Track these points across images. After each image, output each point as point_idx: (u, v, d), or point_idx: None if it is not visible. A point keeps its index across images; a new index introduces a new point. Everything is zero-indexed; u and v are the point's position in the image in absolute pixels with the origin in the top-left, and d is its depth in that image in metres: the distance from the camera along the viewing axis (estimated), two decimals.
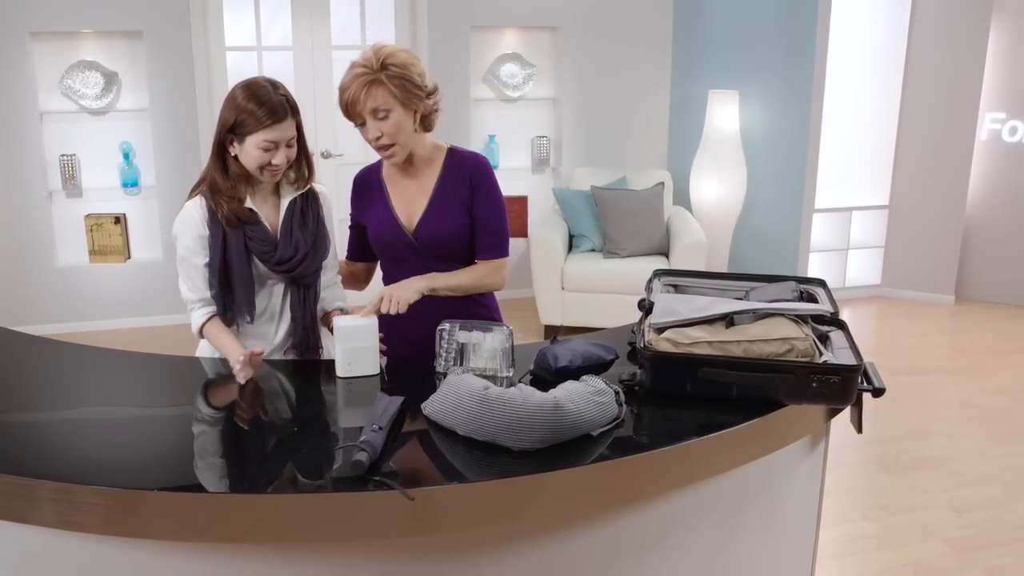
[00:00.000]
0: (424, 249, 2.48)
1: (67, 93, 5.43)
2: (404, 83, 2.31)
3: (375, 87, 2.30)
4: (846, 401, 2.01)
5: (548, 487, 1.74)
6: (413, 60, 2.37)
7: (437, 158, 2.52)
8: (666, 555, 2.00)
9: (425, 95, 2.38)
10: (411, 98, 2.34)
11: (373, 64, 2.30)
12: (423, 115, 2.41)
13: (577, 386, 1.90)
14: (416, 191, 2.50)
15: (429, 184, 2.49)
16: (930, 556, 3.23)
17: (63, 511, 1.67)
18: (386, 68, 2.30)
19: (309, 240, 2.44)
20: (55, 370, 2.30)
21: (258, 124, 2.26)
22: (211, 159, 2.37)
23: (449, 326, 2.18)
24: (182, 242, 2.39)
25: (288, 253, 2.40)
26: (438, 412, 1.88)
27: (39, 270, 5.60)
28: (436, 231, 2.47)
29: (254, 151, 2.30)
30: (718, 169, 5.99)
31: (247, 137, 2.29)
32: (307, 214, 2.47)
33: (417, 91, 2.35)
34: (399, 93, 2.31)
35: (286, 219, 2.44)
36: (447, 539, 1.77)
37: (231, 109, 2.29)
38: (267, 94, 2.28)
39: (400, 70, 2.31)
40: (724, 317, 2.13)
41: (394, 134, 2.35)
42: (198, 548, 1.72)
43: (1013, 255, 6.27)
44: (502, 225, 2.54)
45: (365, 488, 1.64)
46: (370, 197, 2.55)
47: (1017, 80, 6.06)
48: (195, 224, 2.36)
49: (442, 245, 2.47)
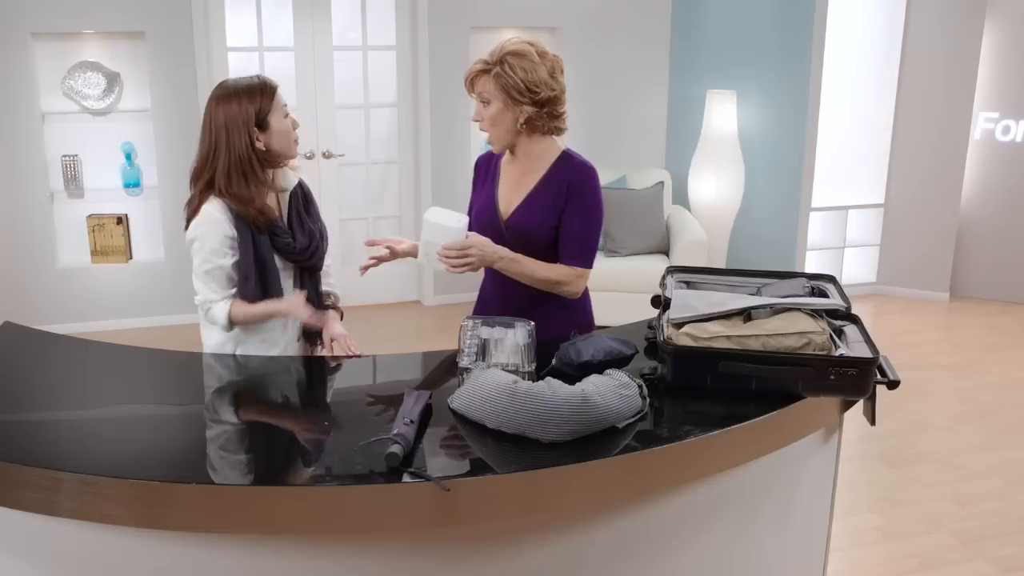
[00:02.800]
0: (511, 238, 2.55)
1: (69, 94, 5.44)
2: (507, 84, 2.42)
3: (482, 76, 2.46)
4: (863, 393, 2.05)
5: (575, 478, 1.78)
6: (530, 66, 2.43)
7: (548, 158, 2.58)
8: (686, 545, 2.04)
9: (531, 102, 2.45)
10: (511, 99, 2.44)
11: (495, 55, 2.44)
12: (528, 118, 2.48)
13: (603, 379, 1.94)
14: (520, 184, 2.60)
15: (532, 181, 2.58)
16: (935, 547, 3.28)
17: (95, 503, 1.69)
18: (501, 63, 2.42)
19: (317, 226, 2.56)
20: (78, 368, 2.33)
21: (268, 99, 2.37)
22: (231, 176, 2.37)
23: (471, 322, 2.22)
24: (207, 244, 2.40)
25: (305, 242, 2.50)
26: (466, 406, 1.92)
27: (41, 271, 5.60)
28: (525, 226, 2.56)
29: (282, 123, 2.39)
30: (716, 168, 6.04)
31: (269, 116, 2.37)
32: (308, 204, 2.58)
33: (518, 95, 2.43)
34: (499, 91, 2.43)
35: (292, 211, 2.52)
36: (474, 529, 1.81)
37: (240, 107, 2.35)
38: (244, 81, 2.39)
39: (511, 70, 2.41)
40: (742, 312, 2.17)
41: (490, 122, 2.49)
42: (227, 540, 1.75)
43: (1007, 252, 6.35)
44: (590, 236, 2.57)
45: (399, 480, 1.68)
46: (485, 177, 2.69)
47: (1011, 79, 6.13)
48: (221, 226, 2.38)
49: (528, 240, 2.56)
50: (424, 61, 5.94)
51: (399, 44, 6.03)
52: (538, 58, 2.44)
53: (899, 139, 6.37)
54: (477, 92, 2.49)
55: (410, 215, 6.33)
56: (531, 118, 2.47)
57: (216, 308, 2.44)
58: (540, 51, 2.47)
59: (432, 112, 5.98)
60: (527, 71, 2.42)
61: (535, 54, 2.44)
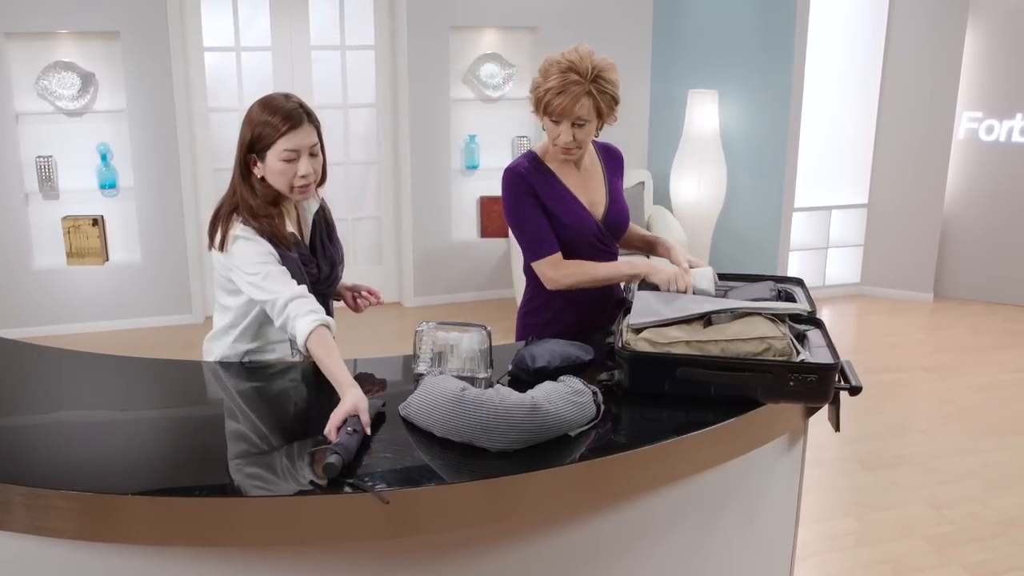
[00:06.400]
0: (609, 235, 2.60)
1: (43, 94, 5.37)
2: (609, 99, 2.39)
3: (586, 98, 2.34)
4: (823, 399, 2.01)
5: (526, 488, 1.74)
6: (617, 77, 2.41)
7: (592, 150, 2.64)
8: (646, 554, 2.00)
9: (617, 108, 2.45)
10: (609, 112, 2.42)
11: (587, 74, 2.33)
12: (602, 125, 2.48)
13: (555, 386, 1.90)
14: (591, 182, 2.60)
15: (597, 174, 2.61)
16: (909, 553, 3.24)
17: (36, 516, 1.65)
18: (596, 81, 2.34)
19: (338, 253, 2.48)
20: (29, 374, 2.28)
21: (275, 132, 2.18)
22: (237, 184, 2.27)
23: (426, 327, 2.18)
24: (249, 260, 2.21)
25: (327, 271, 2.41)
26: (415, 413, 1.87)
27: (16, 273, 5.54)
28: (620, 218, 2.62)
29: (277, 164, 2.21)
30: (698, 168, 6.00)
31: (267, 151, 2.21)
32: (330, 227, 2.50)
33: (616, 107, 2.43)
34: (603, 108, 2.38)
35: (315, 236, 2.42)
36: (428, 540, 1.77)
37: (247, 126, 2.23)
38: (279, 103, 2.22)
39: (610, 87, 2.37)
40: (702, 317, 2.13)
41: (584, 141, 2.43)
42: (173, 552, 1.70)
43: (991, 253, 6.32)
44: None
45: (340, 491, 1.64)
46: (551, 188, 2.53)
47: (994, 79, 6.11)
48: (259, 243, 2.22)
49: (622, 229, 2.65)
50: (403, 61, 5.89)
51: (378, 44, 5.98)
52: (613, 68, 2.41)
53: (882, 139, 6.34)
54: (575, 117, 2.36)
55: (390, 216, 6.28)
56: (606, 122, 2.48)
57: (302, 322, 2.11)
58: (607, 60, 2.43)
59: (411, 112, 5.93)
60: (616, 84, 2.40)
61: (610, 64, 2.40)
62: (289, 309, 2.14)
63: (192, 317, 5.80)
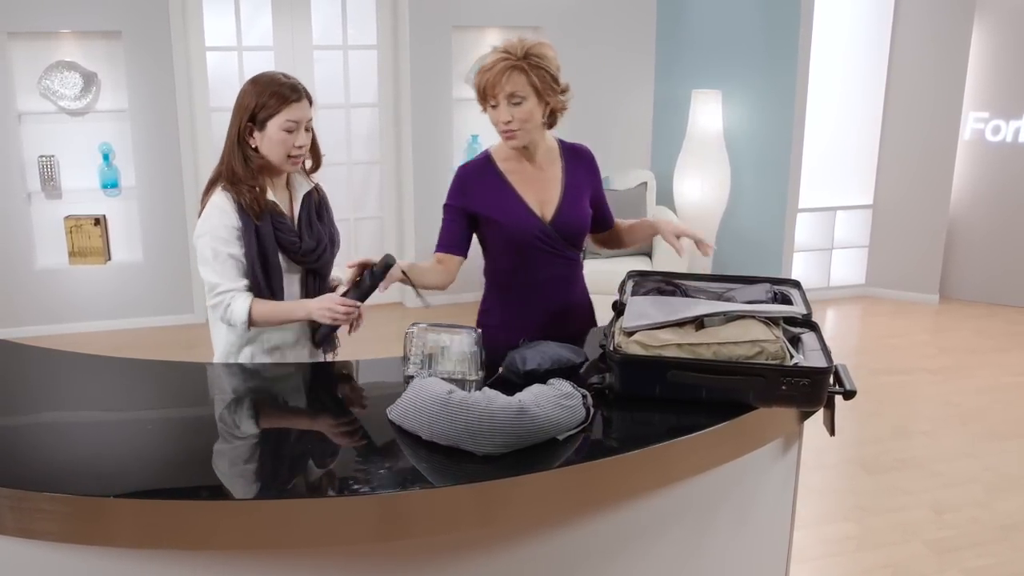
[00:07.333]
0: (561, 237, 2.55)
1: (46, 94, 5.38)
2: (543, 74, 2.39)
3: (515, 73, 2.37)
4: (816, 404, 1.99)
5: (514, 492, 1.72)
6: (553, 55, 2.44)
7: (554, 150, 2.61)
8: (638, 558, 1.98)
9: (559, 91, 2.44)
10: (546, 90, 2.41)
11: (517, 51, 2.38)
12: (552, 110, 2.47)
13: (544, 389, 1.88)
14: (545, 182, 2.57)
15: (556, 175, 2.58)
16: (909, 557, 3.21)
17: (22, 519, 1.64)
18: (528, 57, 2.37)
19: (327, 232, 2.54)
20: (15, 375, 2.27)
21: (281, 102, 2.31)
22: (228, 152, 2.38)
23: (416, 328, 2.16)
24: (214, 234, 2.35)
25: (312, 244, 2.47)
26: (402, 416, 1.86)
27: (18, 272, 5.54)
28: (572, 219, 2.57)
29: (278, 134, 2.33)
30: (701, 169, 5.97)
31: (269, 121, 2.32)
32: (321, 208, 2.57)
33: (554, 84, 2.42)
34: (537, 83, 2.38)
35: (303, 212, 2.51)
36: (417, 544, 1.75)
37: (250, 96, 2.34)
38: (281, 78, 2.36)
39: (541, 61, 2.39)
40: (694, 320, 2.10)
41: (523, 120, 2.42)
42: (161, 555, 1.69)
43: (997, 254, 6.27)
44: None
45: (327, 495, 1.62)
46: (493, 189, 2.55)
47: (1000, 79, 6.06)
48: (227, 215, 2.35)
49: (576, 233, 2.59)
50: (405, 60, 5.87)
51: (380, 43, 5.97)
52: (547, 47, 2.44)
53: (888, 139, 6.30)
54: (508, 92, 2.39)
55: (392, 216, 6.27)
56: (553, 110, 2.47)
57: (236, 303, 2.34)
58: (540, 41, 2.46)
59: (414, 112, 5.92)
60: (551, 61, 2.42)
61: (545, 44, 2.43)
62: (226, 296, 2.34)
63: (194, 317, 5.79)
